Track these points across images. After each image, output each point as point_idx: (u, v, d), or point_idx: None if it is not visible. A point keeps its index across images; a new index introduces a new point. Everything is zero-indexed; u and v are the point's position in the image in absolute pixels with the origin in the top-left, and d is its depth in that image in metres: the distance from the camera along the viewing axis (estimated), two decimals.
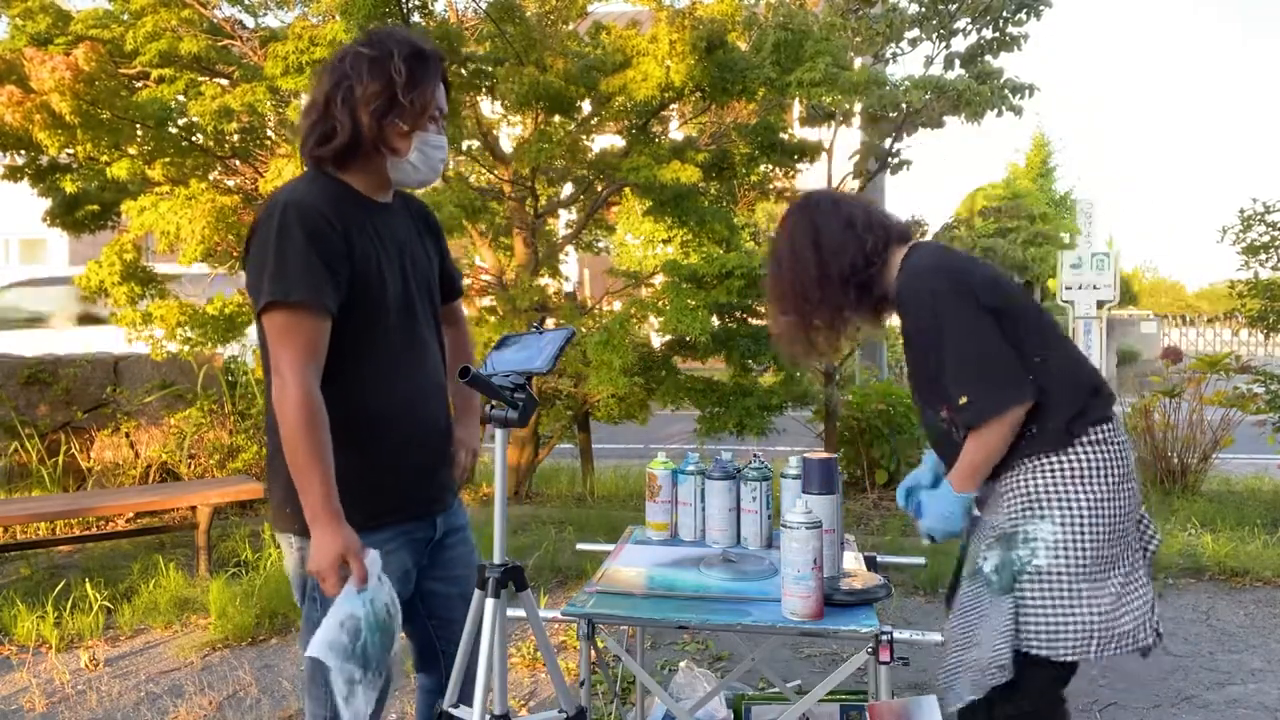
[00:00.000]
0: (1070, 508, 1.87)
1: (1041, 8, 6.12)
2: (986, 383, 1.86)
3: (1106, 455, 1.91)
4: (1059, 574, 1.85)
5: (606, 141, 6.26)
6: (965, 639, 1.93)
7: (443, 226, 2.08)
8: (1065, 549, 1.85)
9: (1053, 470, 1.89)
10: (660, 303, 5.51)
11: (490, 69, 5.49)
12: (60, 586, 4.06)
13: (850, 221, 2.05)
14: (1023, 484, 1.91)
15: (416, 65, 1.72)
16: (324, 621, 1.60)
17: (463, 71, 5.49)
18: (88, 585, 3.98)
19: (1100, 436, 1.91)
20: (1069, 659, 1.85)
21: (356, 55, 1.72)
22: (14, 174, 6.27)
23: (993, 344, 1.87)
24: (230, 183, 6.12)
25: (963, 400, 1.87)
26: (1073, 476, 1.88)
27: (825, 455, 1.94)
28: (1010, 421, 1.86)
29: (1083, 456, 1.89)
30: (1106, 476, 1.89)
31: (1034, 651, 1.84)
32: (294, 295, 1.63)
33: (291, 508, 1.69)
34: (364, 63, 1.70)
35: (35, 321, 9.22)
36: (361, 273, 1.72)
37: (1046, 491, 1.89)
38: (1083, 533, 1.86)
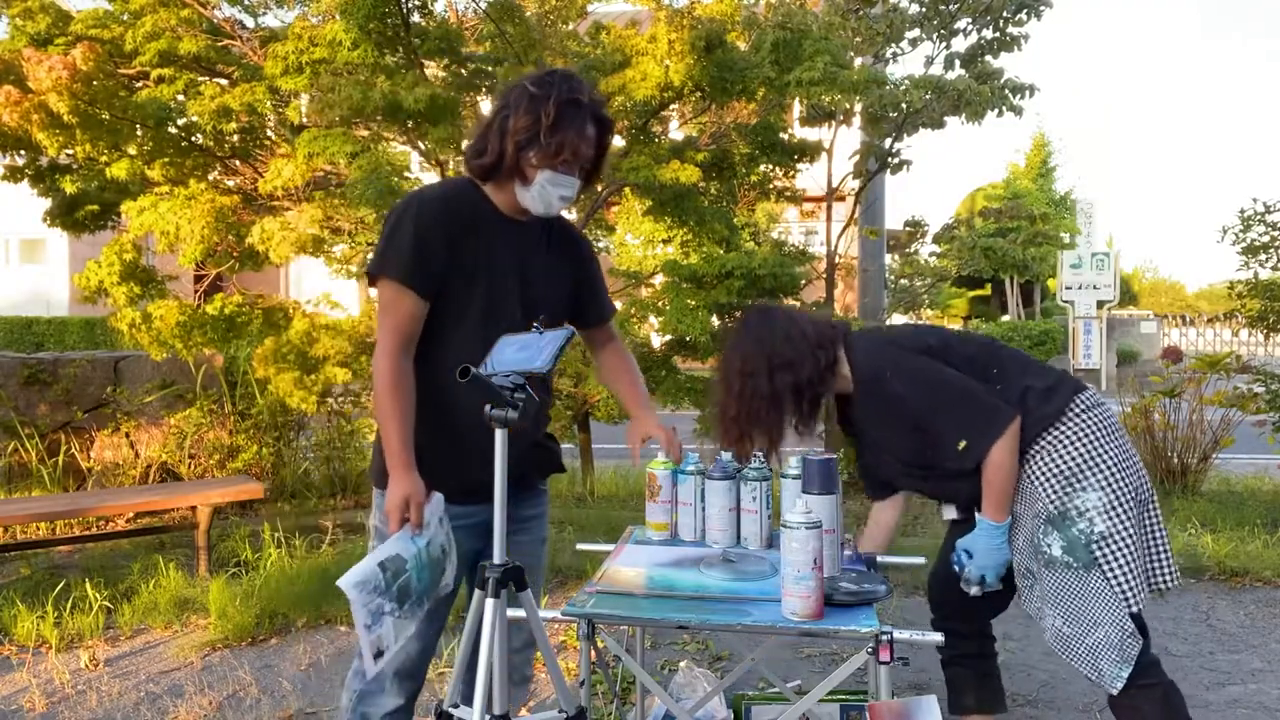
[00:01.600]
0: (1101, 470, 2.05)
1: (1041, 8, 6.12)
2: (973, 417, 2.04)
3: (1100, 417, 2.11)
4: (1121, 531, 2.03)
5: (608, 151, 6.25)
6: (1084, 623, 2.05)
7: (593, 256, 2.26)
8: (1116, 508, 2.04)
9: (1067, 443, 2.07)
10: (660, 303, 5.51)
11: (490, 69, 5.48)
12: (60, 586, 4.06)
13: (804, 336, 2.19)
14: (1048, 464, 2.08)
15: (566, 111, 1.89)
16: (365, 558, 1.75)
17: (462, 71, 5.48)
18: (88, 585, 3.98)
19: (1085, 403, 2.12)
20: (1167, 587, 2.11)
21: (522, 90, 1.92)
22: (14, 174, 6.27)
23: (957, 384, 2.07)
24: (230, 183, 6.11)
25: (961, 445, 2.03)
26: (1086, 442, 2.07)
27: (825, 455, 1.94)
28: (1010, 437, 2.03)
29: (1082, 423, 2.09)
30: (1110, 432, 2.10)
31: (1133, 609, 2.01)
32: (389, 272, 1.89)
33: (376, 464, 1.98)
34: (525, 98, 1.90)
35: None
36: (458, 270, 1.92)
37: (1075, 463, 2.06)
38: (1122, 489, 2.05)
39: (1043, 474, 2.09)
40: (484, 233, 1.97)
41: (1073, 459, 2.06)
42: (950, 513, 2.35)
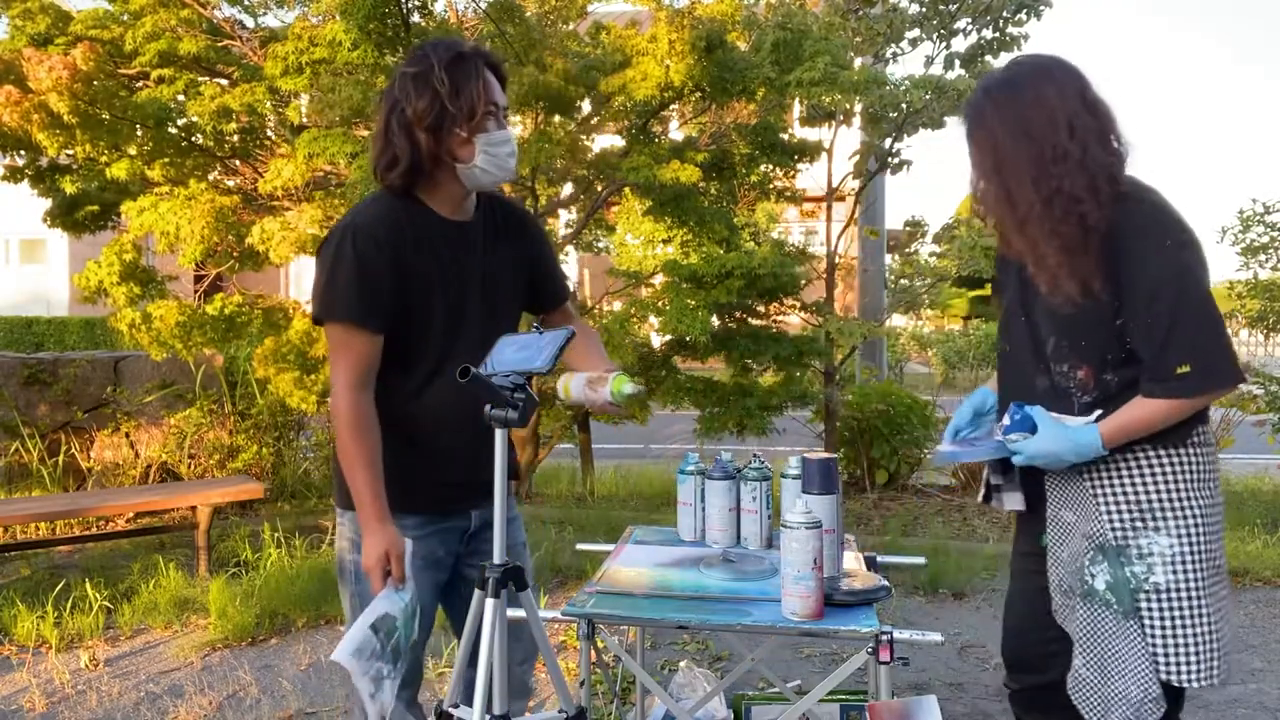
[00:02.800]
0: (1185, 516, 1.71)
1: (1041, 8, 6.12)
2: (1218, 356, 1.63)
3: (1211, 458, 1.76)
4: (1181, 592, 1.69)
5: (606, 141, 6.26)
6: (1105, 669, 1.76)
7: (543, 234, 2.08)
8: (1184, 563, 1.70)
9: (1164, 472, 1.72)
10: (660, 303, 5.50)
11: None
12: (60, 586, 4.06)
13: (1109, 112, 1.73)
14: (1127, 487, 1.74)
15: (457, 69, 1.74)
16: (354, 625, 1.69)
17: None
18: (88, 585, 3.98)
19: (1204, 438, 1.75)
20: (1200, 684, 1.70)
21: (402, 76, 1.77)
22: (14, 175, 6.27)
23: (1220, 317, 1.66)
24: (230, 183, 6.11)
25: (1183, 368, 1.63)
26: (1185, 480, 1.72)
27: (825, 455, 1.93)
28: (1205, 403, 1.71)
29: (1194, 458, 1.73)
30: (1213, 480, 1.75)
31: (1166, 678, 1.70)
32: (339, 315, 1.77)
33: (341, 487, 1.86)
34: (409, 81, 1.75)
35: None
36: (411, 291, 1.80)
37: (1160, 498, 1.72)
38: (1200, 544, 1.71)
39: (1117, 493, 1.74)
40: (430, 245, 1.83)
41: (1159, 492, 1.72)
42: (1015, 502, 1.93)
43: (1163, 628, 1.70)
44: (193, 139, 5.68)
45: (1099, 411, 1.74)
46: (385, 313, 1.78)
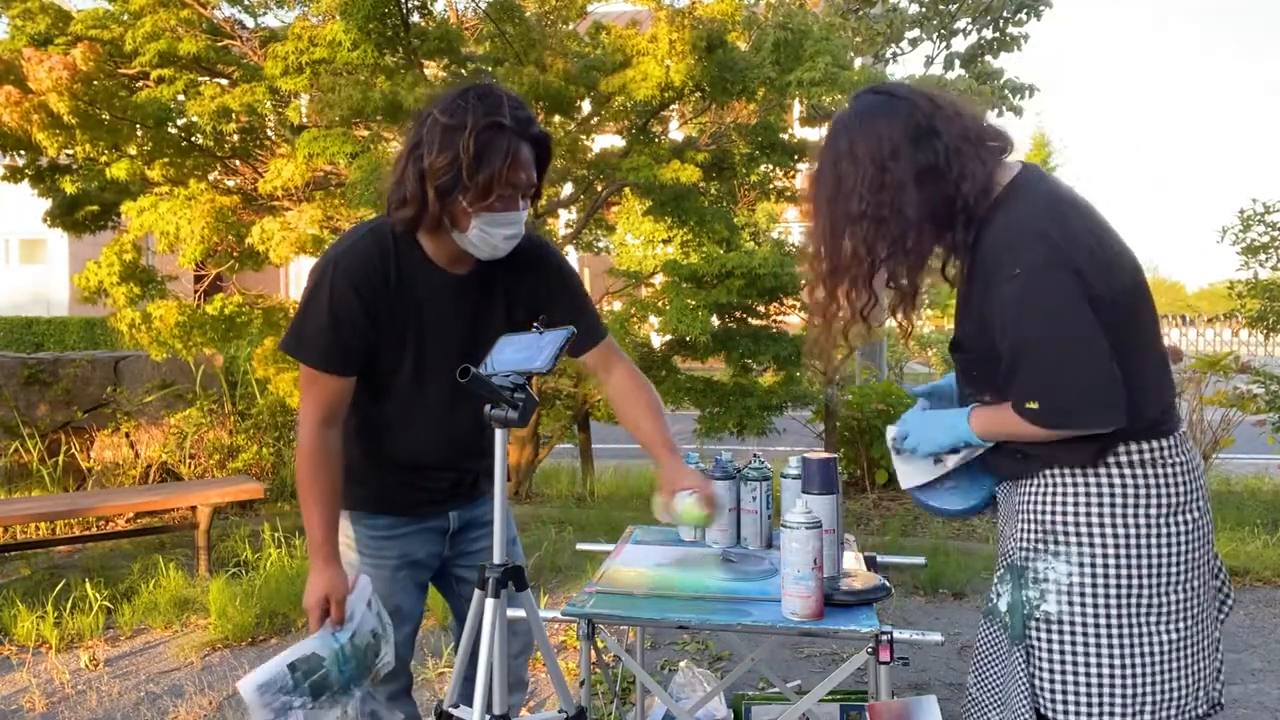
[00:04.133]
0: (1094, 544, 1.51)
1: (1041, 8, 6.13)
2: (1069, 395, 1.45)
3: (1150, 479, 1.51)
4: (1073, 624, 1.51)
5: (606, 141, 6.26)
6: (995, 699, 1.67)
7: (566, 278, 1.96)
8: (1081, 595, 1.51)
9: (1074, 495, 1.53)
10: (660, 303, 5.50)
11: (490, 69, 5.48)
12: (60, 586, 4.05)
13: (965, 133, 1.53)
14: (1036, 507, 1.57)
15: (488, 140, 1.63)
16: (275, 658, 1.68)
17: (462, 72, 5.48)
18: (88, 585, 3.98)
19: (1142, 458, 1.51)
20: None
21: (434, 121, 1.66)
22: (14, 175, 6.27)
23: (1090, 347, 1.43)
24: (230, 183, 6.11)
25: (1031, 405, 1.47)
26: (1099, 504, 1.51)
27: (825, 455, 1.93)
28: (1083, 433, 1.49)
29: (1115, 480, 1.51)
30: (1147, 506, 1.50)
31: (1045, 713, 1.53)
32: (304, 358, 1.76)
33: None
34: (438, 131, 1.64)
35: None
36: (386, 336, 1.77)
37: (1064, 522, 1.53)
38: (1108, 577, 1.50)
39: (1030, 511, 1.58)
40: (412, 292, 1.76)
41: (1066, 515, 1.53)
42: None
43: (1049, 659, 1.53)
44: (193, 139, 5.68)
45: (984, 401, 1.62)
46: (354, 359, 1.75)
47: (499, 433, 1.66)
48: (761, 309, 5.97)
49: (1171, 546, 1.51)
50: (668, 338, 5.75)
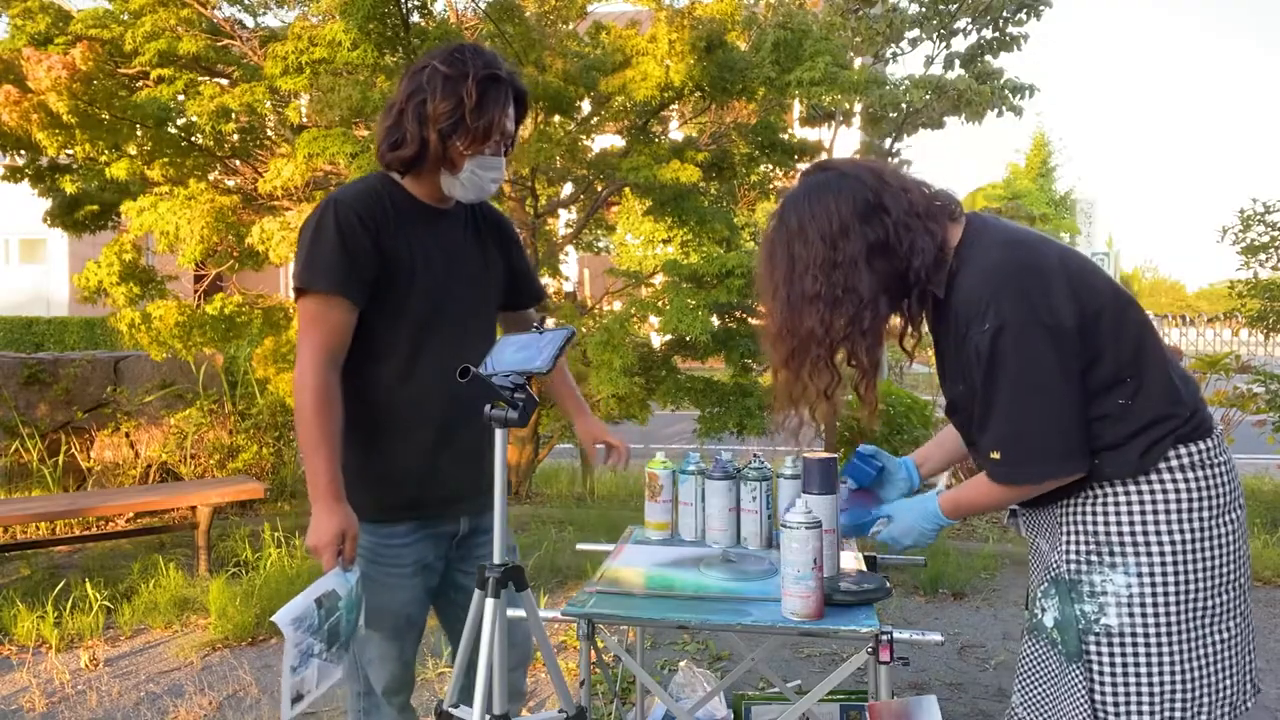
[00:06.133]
0: (1151, 552, 1.50)
1: (1041, 8, 6.12)
2: (1031, 448, 1.49)
3: (1201, 482, 1.51)
4: (1135, 636, 1.50)
5: (606, 141, 6.26)
6: (1044, 713, 1.65)
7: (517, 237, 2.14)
8: (1143, 606, 1.50)
9: (1128, 505, 1.52)
10: (660, 303, 5.50)
11: None
12: (60, 586, 4.05)
13: (913, 208, 1.55)
14: (1086, 519, 1.56)
15: (488, 89, 1.78)
16: (301, 594, 1.68)
17: None
18: (88, 585, 3.98)
19: (1189, 460, 1.51)
20: None
21: (434, 71, 1.79)
22: (14, 174, 6.27)
23: (1054, 398, 1.47)
24: (230, 183, 6.11)
25: (994, 455, 1.52)
26: (1155, 512, 1.51)
27: (825, 455, 1.93)
28: (1046, 489, 1.54)
29: (1167, 485, 1.51)
30: (1200, 510, 1.50)
31: None
32: (319, 285, 1.76)
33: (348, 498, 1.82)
34: (439, 80, 1.77)
35: None
36: (389, 273, 1.80)
37: (1120, 532, 1.52)
38: (1169, 584, 1.49)
39: (1077, 523, 1.57)
40: (409, 229, 1.85)
41: (1122, 526, 1.52)
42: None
43: (1112, 675, 1.51)
44: (192, 139, 5.68)
45: (943, 483, 1.72)
46: (365, 283, 1.78)
47: (499, 433, 1.66)
48: (761, 309, 5.96)
49: (1224, 546, 1.52)
50: (668, 337, 5.75)
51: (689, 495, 2.32)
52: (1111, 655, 1.52)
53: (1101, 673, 1.52)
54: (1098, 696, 1.53)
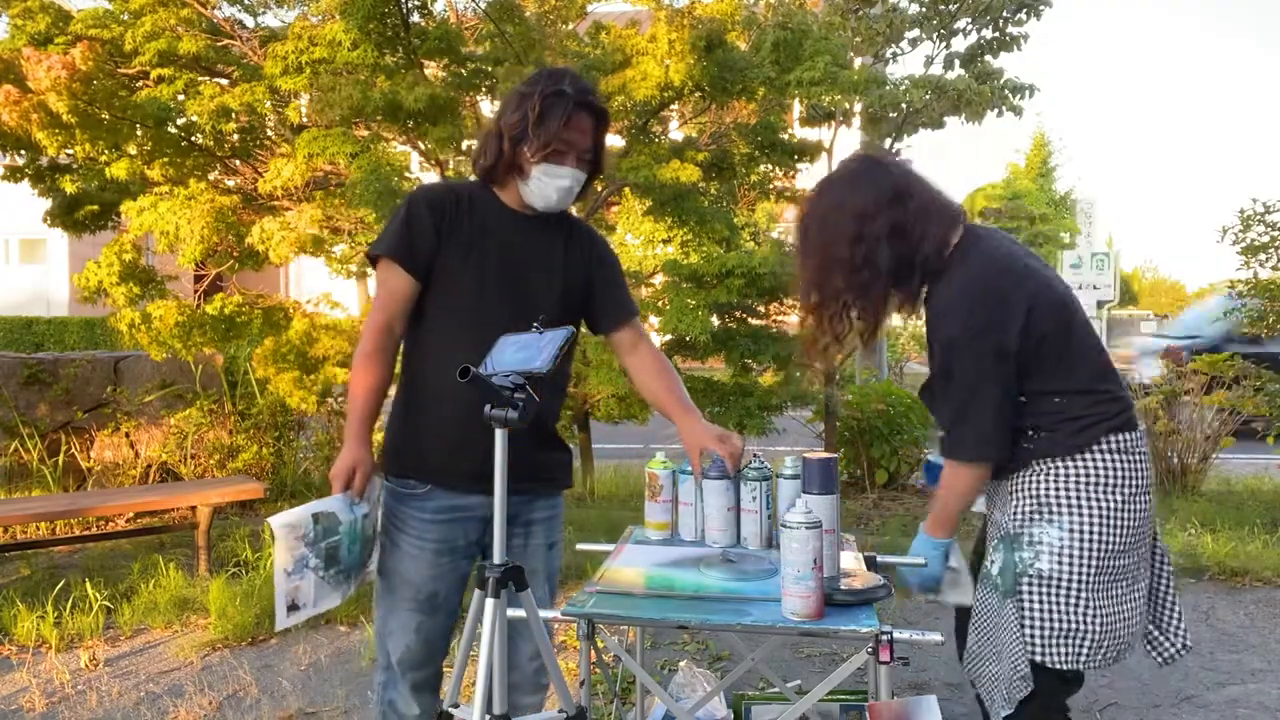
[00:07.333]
0: (1081, 514, 1.86)
1: (1041, 8, 6.13)
2: (963, 435, 1.91)
3: (1123, 465, 1.88)
4: (1061, 580, 1.85)
5: (606, 141, 6.26)
6: (992, 651, 1.94)
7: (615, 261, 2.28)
8: (1070, 556, 1.85)
9: (1065, 476, 1.88)
10: (660, 303, 5.51)
11: (490, 69, 5.49)
12: (60, 586, 4.06)
13: (929, 203, 1.92)
14: (1032, 487, 1.91)
15: (551, 103, 1.97)
16: (298, 507, 1.82)
17: (462, 71, 5.49)
18: (88, 585, 3.98)
19: (1118, 446, 1.88)
20: (1064, 667, 1.86)
21: (514, 91, 2.05)
22: (14, 174, 6.27)
23: (988, 402, 1.87)
24: (230, 183, 6.11)
25: (944, 430, 1.94)
26: (1086, 483, 1.87)
27: (825, 455, 1.93)
28: (977, 475, 1.93)
29: (1098, 463, 1.88)
30: (1121, 486, 1.87)
31: (1034, 658, 1.86)
32: (379, 248, 2.02)
33: (387, 453, 2.06)
34: (514, 96, 2.02)
35: None
36: (447, 255, 2.00)
37: (1057, 497, 1.88)
38: (1091, 541, 1.85)
39: (1024, 491, 1.94)
40: (483, 223, 2.03)
41: (1060, 492, 1.89)
42: (980, 505, 2.14)
43: (1040, 611, 1.86)
44: (192, 139, 5.68)
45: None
46: (421, 255, 1.98)
47: (499, 433, 1.66)
48: (761, 309, 5.97)
49: (1135, 519, 1.88)
50: (668, 337, 5.75)
51: (689, 495, 2.32)
52: (1042, 594, 1.87)
53: (1031, 608, 1.87)
54: (1027, 626, 1.87)
